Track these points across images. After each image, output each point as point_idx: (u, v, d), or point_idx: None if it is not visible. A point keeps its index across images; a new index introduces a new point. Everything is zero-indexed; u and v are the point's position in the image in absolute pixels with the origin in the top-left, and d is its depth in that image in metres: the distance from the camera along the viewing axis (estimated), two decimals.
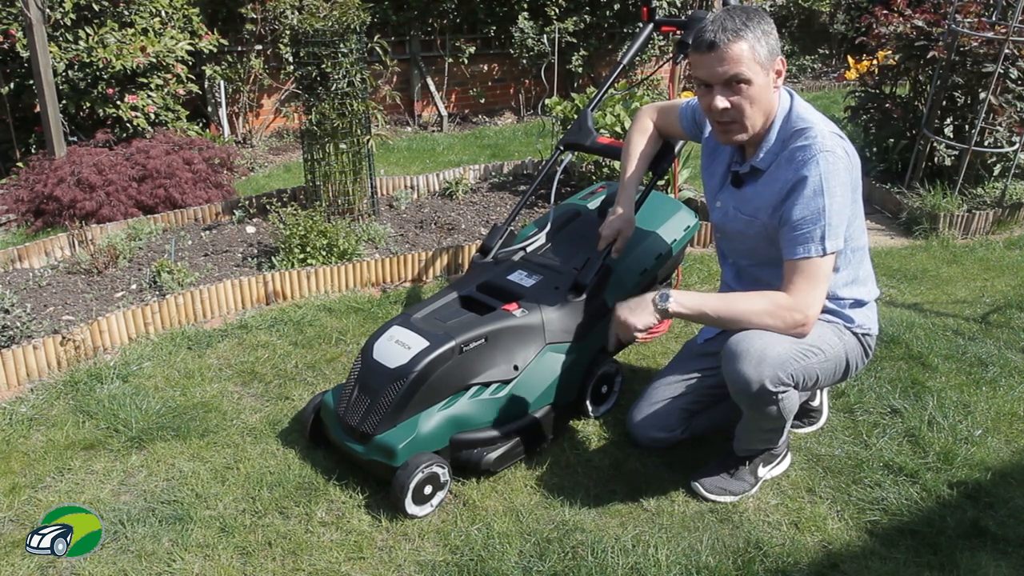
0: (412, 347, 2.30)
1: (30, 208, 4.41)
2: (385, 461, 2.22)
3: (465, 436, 2.31)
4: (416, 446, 2.22)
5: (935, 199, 4.41)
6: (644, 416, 2.45)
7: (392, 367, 2.28)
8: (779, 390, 2.05)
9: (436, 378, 2.27)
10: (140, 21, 5.23)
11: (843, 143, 2.10)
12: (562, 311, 2.48)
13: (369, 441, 2.26)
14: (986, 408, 2.72)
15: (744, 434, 2.28)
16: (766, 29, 2.03)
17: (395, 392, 2.24)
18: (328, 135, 3.98)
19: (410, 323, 2.41)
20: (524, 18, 6.86)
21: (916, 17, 4.73)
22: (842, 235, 2.06)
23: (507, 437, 2.35)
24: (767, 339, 2.06)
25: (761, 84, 2.05)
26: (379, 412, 2.25)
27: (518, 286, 2.60)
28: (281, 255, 3.68)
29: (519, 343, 2.41)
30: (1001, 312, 3.45)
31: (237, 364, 3.01)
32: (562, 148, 2.94)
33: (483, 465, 2.30)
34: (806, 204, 2.03)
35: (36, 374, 2.91)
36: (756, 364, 2.02)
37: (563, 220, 2.92)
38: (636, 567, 2.05)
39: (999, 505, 2.27)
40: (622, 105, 4.44)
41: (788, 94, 2.17)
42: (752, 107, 2.08)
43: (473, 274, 2.72)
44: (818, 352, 2.14)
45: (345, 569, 2.05)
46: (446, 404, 2.31)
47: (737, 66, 2.02)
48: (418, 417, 2.27)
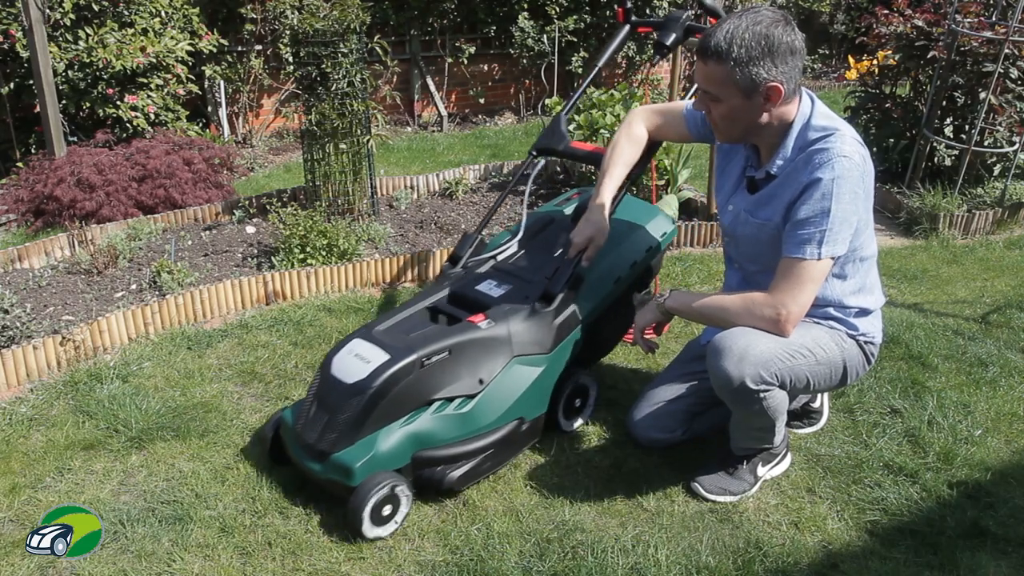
0: (371, 361, 2.21)
1: (30, 208, 4.40)
2: (342, 480, 2.12)
3: (428, 453, 2.22)
4: (375, 464, 2.13)
5: (935, 199, 4.41)
6: (645, 416, 2.45)
7: (350, 382, 2.19)
8: (760, 388, 2.05)
9: (396, 393, 2.18)
10: (140, 21, 5.23)
11: (862, 150, 2.07)
12: (530, 322, 2.38)
13: (326, 460, 2.16)
14: (986, 408, 2.72)
15: (736, 432, 2.29)
16: (765, 52, 1.94)
17: (353, 408, 2.15)
18: (328, 135, 3.98)
19: (371, 336, 2.31)
20: (524, 17, 6.86)
21: (916, 17, 4.73)
22: (843, 242, 2.04)
23: (472, 454, 2.25)
24: (751, 337, 2.06)
25: (735, 105, 2.02)
26: (336, 429, 2.16)
27: (487, 296, 2.52)
28: (281, 255, 3.68)
29: (484, 356, 2.31)
30: (1001, 312, 3.45)
31: (237, 364, 3.01)
32: (534, 153, 2.82)
33: (446, 484, 2.21)
34: (813, 205, 2.02)
35: (36, 374, 2.91)
36: (737, 361, 2.03)
37: (536, 227, 2.82)
38: (636, 567, 2.05)
39: (999, 505, 2.27)
40: (622, 105, 4.44)
41: (810, 100, 2.12)
42: (724, 121, 2.08)
43: (441, 284, 2.63)
44: (808, 355, 2.13)
45: (345, 569, 2.05)
46: (407, 420, 2.21)
47: (710, 84, 2.02)
48: (377, 434, 2.17)
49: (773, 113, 2.06)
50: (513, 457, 2.40)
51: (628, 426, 2.51)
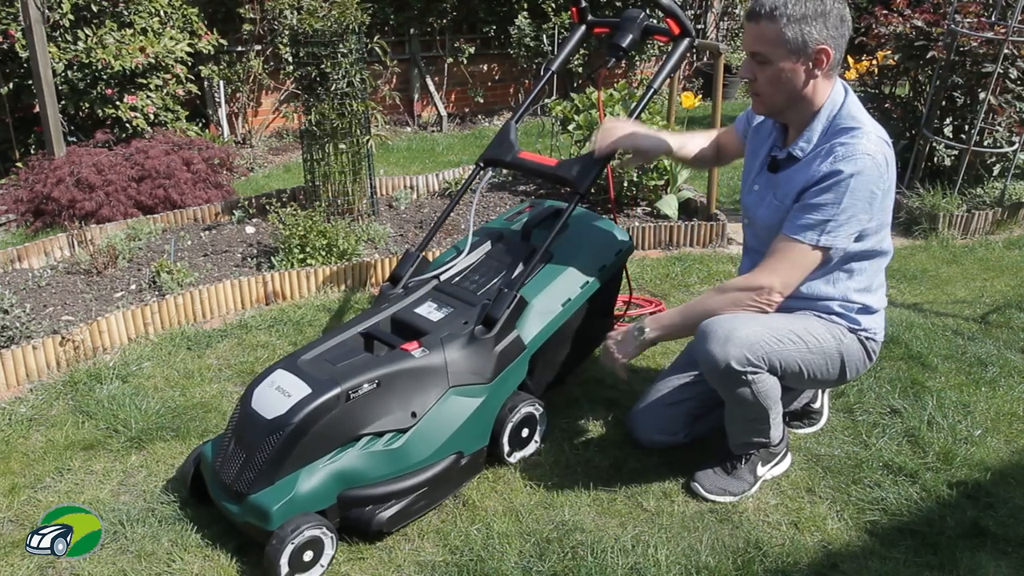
0: (292, 395, 2.05)
1: (29, 208, 4.40)
2: (259, 524, 1.97)
3: (355, 493, 2.06)
4: (295, 507, 1.97)
5: (935, 199, 4.41)
6: (646, 418, 2.46)
7: (269, 418, 2.03)
8: (747, 370, 2.06)
9: (319, 429, 2.02)
10: (139, 21, 5.23)
11: (888, 151, 2.08)
12: (469, 349, 2.22)
13: (244, 501, 2.01)
14: (986, 408, 2.72)
15: (731, 426, 2.29)
16: (818, 12, 1.97)
17: (271, 446, 1.99)
18: (328, 135, 3.98)
19: (295, 366, 2.15)
20: (523, 17, 6.86)
21: (916, 17, 4.73)
22: (846, 237, 2.05)
23: (404, 492, 2.10)
24: (737, 321, 2.09)
25: (785, 68, 2.04)
26: (254, 469, 2.00)
27: (425, 320, 2.36)
28: (280, 255, 3.68)
29: (417, 387, 2.15)
30: (1001, 312, 3.45)
31: (237, 364, 3.01)
32: (481, 165, 2.63)
33: (374, 525, 2.05)
34: (827, 194, 2.02)
35: (36, 374, 2.90)
36: (722, 343, 2.05)
37: (483, 244, 2.66)
38: (636, 567, 2.05)
39: (999, 505, 2.27)
40: (622, 105, 4.44)
41: (844, 89, 2.14)
42: (770, 87, 2.09)
43: (378, 306, 2.46)
44: (797, 341, 2.13)
45: (345, 569, 2.05)
46: (332, 458, 2.05)
47: (760, 45, 2.03)
48: (298, 474, 2.01)
49: (816, 85, 2.07)
50: (451, 494, 2.26)
51: (629, 427, 2.51)
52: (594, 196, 4.48)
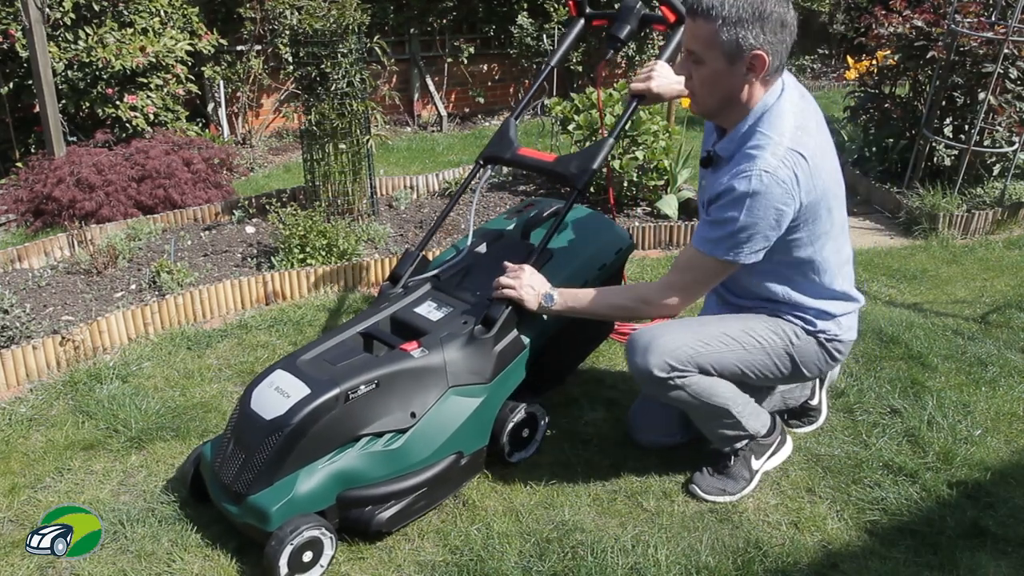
0: (291, 395, 2.05)
1: (29, 208, 4.41)
2: (258, 525, 1.98)
3: (354, 493, 2.06)
4: (294, 507, 1.98)
5: (935, 199, 4.41)
6: (645, 418, 2.46)
7: (268, 419, 2.03)
8: (672, 376, 2.08)
9: (318, 430, 2.02)
10: (139, 21, 5.23)
11: (798, 163, 1.94)
12: (468, 349, 2.22)
13: (243, 502, 2.01)
14: (986, 408, 2.72)
15: (700, 427, 2.31)
16: (756, 16, 1.87)
17: (270, 447, 2.00)
18: (328, 135, 3.98)
19: (294, 367, 2.15)
20: (524, 16, 6.85)
21: (915, 17, 4.73)
22: (753, 252, 2.00)
23: (404, 493, 2.10)
24: (659, 329, 2.13)
25: (717, 70, 1.96)
26: (253, 470, 2.01)
27: (424, 320, 2.35)
28: (281, 255, 3.68)
29: (417, 387, 2.15)
30: (1001, 312, 3.45)
31: (237, 364, 3.01)
32: (481, 162, 2.61)
33: (374, 526, 2.06)
34: (727, 211, 1.98)
35: (36, 374, 2.91)
36: (643, 353, 2.09)
37: (483, 243, 2.65)
38: (636, 567, 2.05)
39: (999, 505, 2.27)
40: (622, 105, 4.44)
41: (779, 93, 2.02)
42: (703, 88, 2.03)
43: (378, 306, 2.44)
44: (731, 343, 2.13)
45: (345, 569, 2.05)
46: (331, 458, 2.06)
47: (695, 43, 1.96)
48: (297, 474, 2.01)
49: (752, 90, 1.99)
50: (451, 494, 2.27)
51: (629, 427, 2.51)
52: (594, 196, 4.48)
